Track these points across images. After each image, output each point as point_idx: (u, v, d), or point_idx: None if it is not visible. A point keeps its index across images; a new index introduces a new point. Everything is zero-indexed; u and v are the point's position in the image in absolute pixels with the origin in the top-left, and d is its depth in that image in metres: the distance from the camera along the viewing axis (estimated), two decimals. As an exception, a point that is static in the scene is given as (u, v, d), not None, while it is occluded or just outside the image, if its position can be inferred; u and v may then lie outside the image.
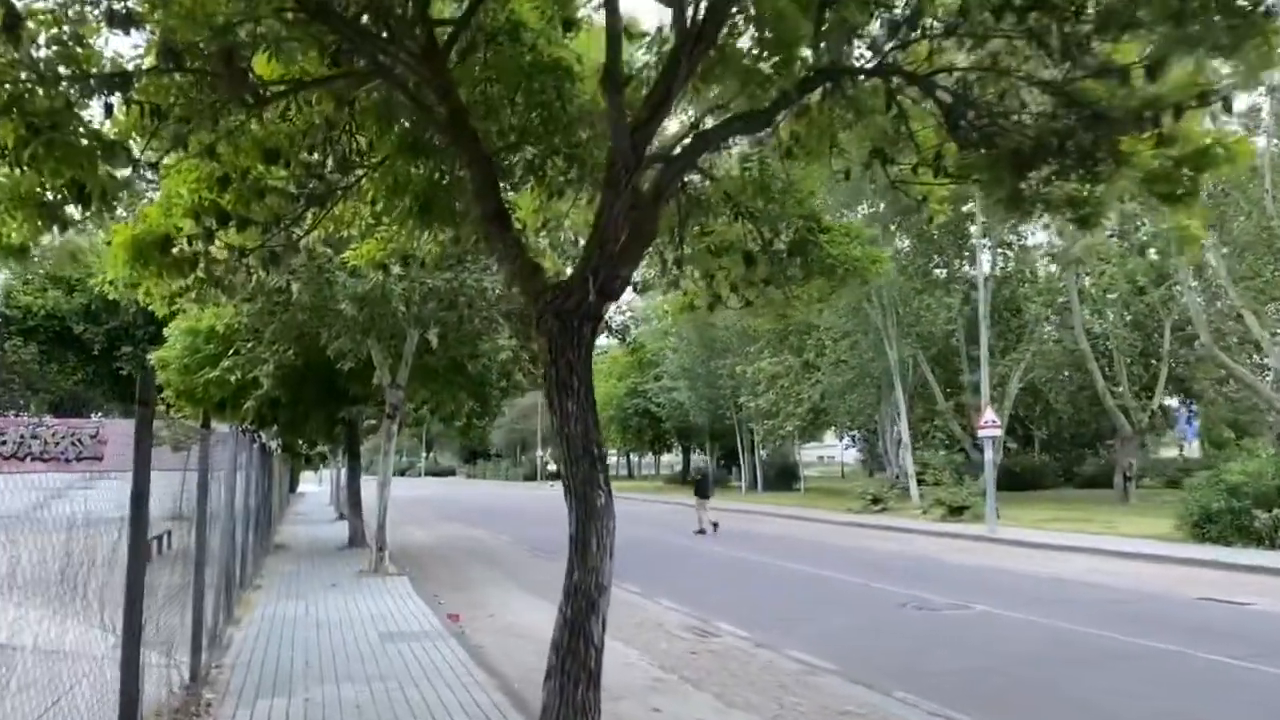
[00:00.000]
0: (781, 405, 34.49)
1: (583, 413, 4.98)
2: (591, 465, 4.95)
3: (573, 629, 5.07)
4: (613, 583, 7.23)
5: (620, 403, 51.95)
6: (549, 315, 5.12)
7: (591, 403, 5.09)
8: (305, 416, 18.37)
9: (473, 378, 17.86)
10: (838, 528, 25.44)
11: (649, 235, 5.67)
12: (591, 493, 4.92)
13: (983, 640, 10.20)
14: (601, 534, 4.91)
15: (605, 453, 5.16)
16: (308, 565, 16.50)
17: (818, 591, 13.90)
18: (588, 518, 4.92)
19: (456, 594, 13.81)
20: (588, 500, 4.92)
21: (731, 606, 12.43)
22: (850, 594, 13.57)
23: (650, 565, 17.24)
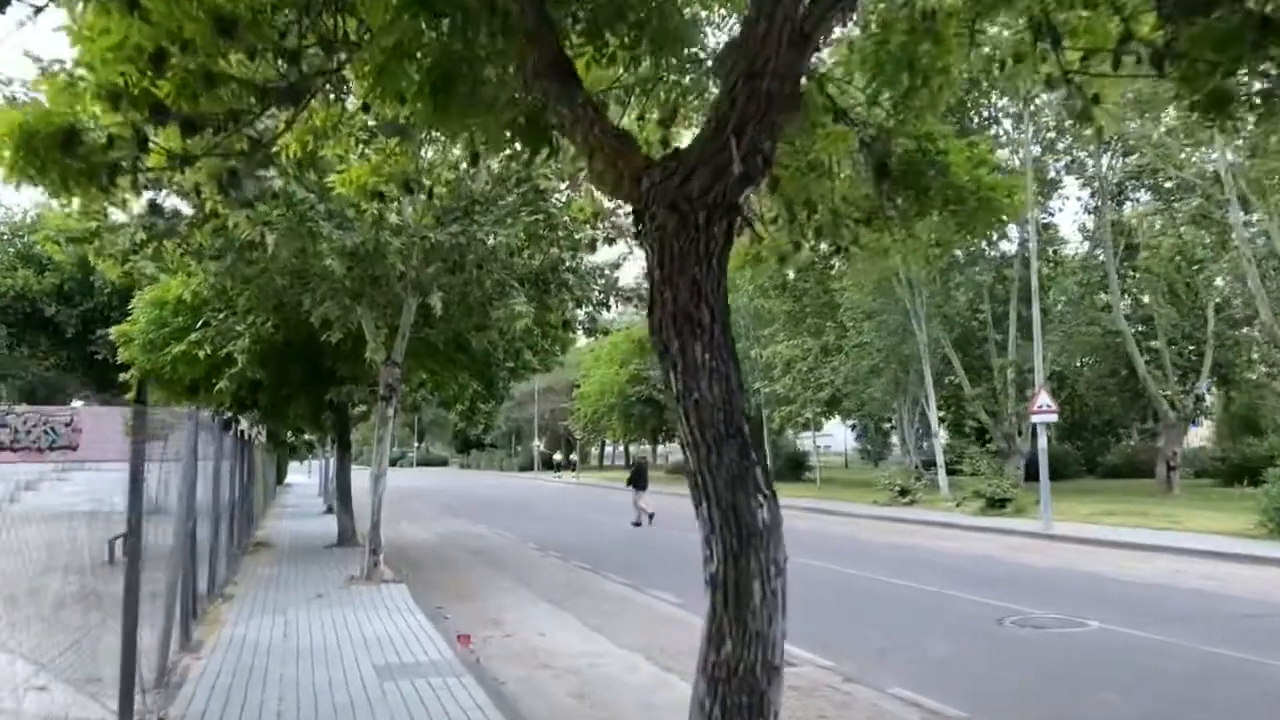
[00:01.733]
0: (799, 391, 32.48)
1: (721, 365, 2.99)
2: (742, 453, 2.96)
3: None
4: (649, 590, 5.34)
5: (622, 390, 49.82)
6: (659, 207, 3.09)
7: (731, 350, 3.11)
8: (288, 400, 16.28)
9: (476, 356, 15.80)
10: (871, 523, 23.49)
11: (795, 95, 3.62)
12: (745, 501, 2.93)
13: (1133, 671, 8.21)
14: (767, 573, 2.91)
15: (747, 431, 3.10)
16: (290, 568, 14.44)
17: (890, 603, 11.91)
18: (742, 544, 2.93)
19: (463, 605, 11.79)
20: (739, 515, 2.93)
21: (795, 624, 10.41)
22: (930, 606, 11.58)
23: (686, 569, 15.23)
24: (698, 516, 3.07)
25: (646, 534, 21.72)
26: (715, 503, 2.96)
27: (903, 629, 10.18)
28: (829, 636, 9.60)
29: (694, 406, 2.98)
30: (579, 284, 12.36)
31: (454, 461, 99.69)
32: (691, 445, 3.02)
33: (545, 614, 11.19)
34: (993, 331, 31.52)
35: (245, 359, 13.01)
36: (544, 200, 10.52)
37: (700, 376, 2.97)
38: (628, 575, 14.27)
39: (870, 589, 12.85)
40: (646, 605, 11.76)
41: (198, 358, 13.57)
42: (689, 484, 3.08)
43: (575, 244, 11.69)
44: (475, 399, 16.96)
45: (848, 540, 19.40)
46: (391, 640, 8.96)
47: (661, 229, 3.04)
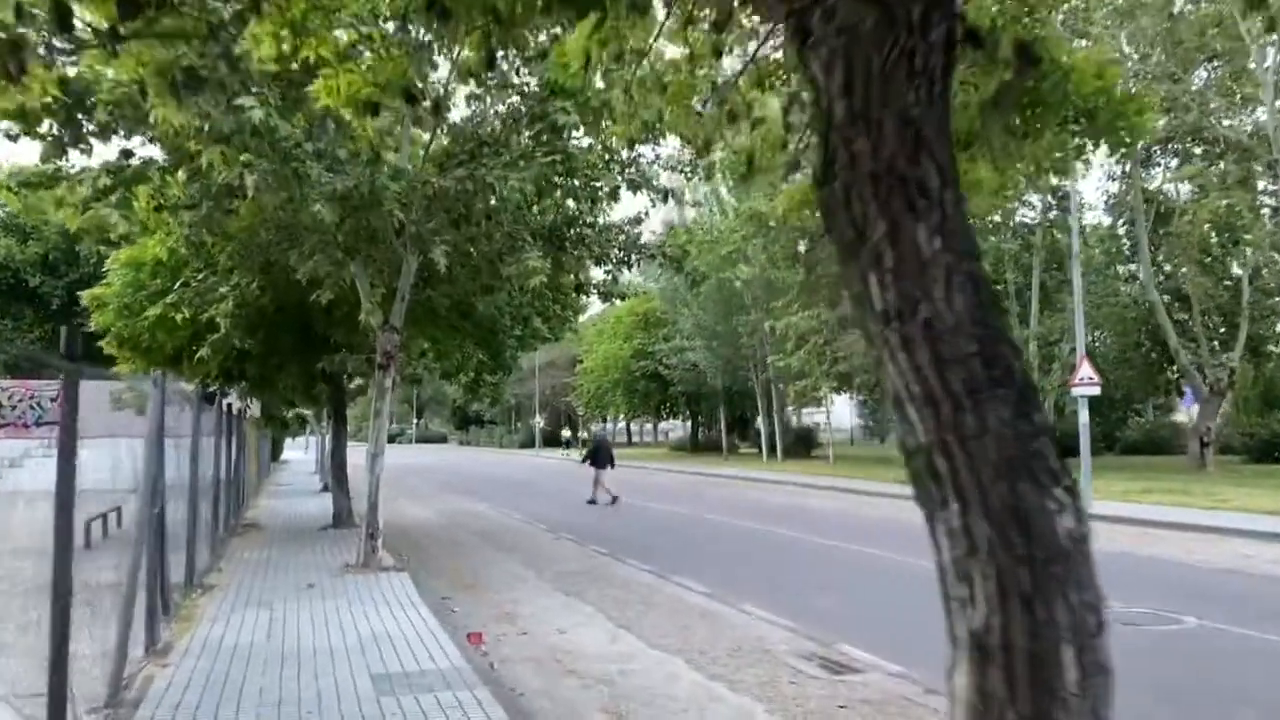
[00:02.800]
0: (815, 365, 31.20)
1: (964, 261, 1.75)
2: (1020, 414, 1.71)
3: None
4: (674, 578, 4.09)
5: (626, 365, 48.49)
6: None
7: (973, 240, 1.87)
8: (278, 370, 15.04)
9: (482, 322, 14.54)
10: (897, 502, 22.31)
11: None
12: (1036, 500, 1.66)
13: (1260, 678, 7.02)
14: (1082, 630, 1.65)
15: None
16: (281, 552, 13.26)
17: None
18: (1037, 578, 1.66)
19: (471, 595, 10.61)
20: (1026, 523, 1.67)
21: (851, 619, 9.25)
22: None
23: (709, 554, 14.08)
24: (934, 526, 1.84)
25: (663, 516, 20.55)
26: (977, 502, 1.72)
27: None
28: (889, 633, 8.41)
29: (923, 333, 1.74)
30: (597, 240, 11.09)
31: (453, 438, 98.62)
32: (918, 400, 1.78)
33: (563, 607, 10.00)
34: (1014, 303, 30.27)
35: (228, 324, 11.75)
36: (560, 139, 9.24)
37: (932, 278, 1.75)
38: (648, 560, 13.09)
39: (920, 578, 11.64)
40: (673, 596, 10.57)
41: (176, 322, 12.32)
42: (912, 472, 1.86)
43: (594, 193, 10.41)
44: (480, 370, 15.70)
45: (879, 521, 18.24)
46: (391, 641, 7.76)
47: (848, 32, 1.81)
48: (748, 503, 22.76)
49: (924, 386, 1.74)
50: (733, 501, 23.14)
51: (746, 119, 5.70)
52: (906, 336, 1.75)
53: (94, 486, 8.92)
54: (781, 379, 36.44)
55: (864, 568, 12.46)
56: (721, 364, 38.51)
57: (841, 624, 8.95)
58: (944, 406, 1.72)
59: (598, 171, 10.09)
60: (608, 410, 58.22)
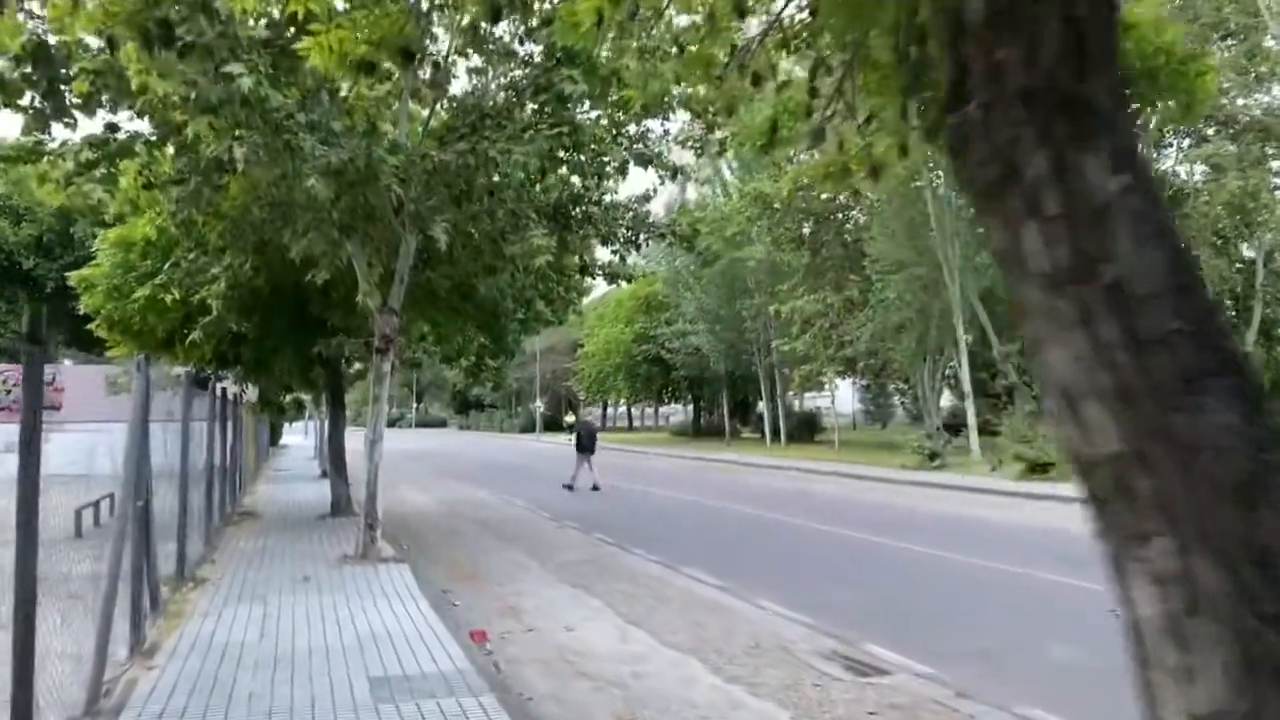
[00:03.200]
0: (820, 349, 30.75)
1: (1152, 205, 1.30)
2: (1249, 410, 1.26)
3: None
4: (683, 569, 3.72)
5: (628, 349, 48.02)
6: None
7: (1159, 190, 1.42)
8: (274, 354, 14.59)
9: (483, 305, 14.10)
10: (909, 489, 21.94)
11: None
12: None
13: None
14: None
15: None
16: (277, 542, 12.86)
17: (972, 588, 10.33)
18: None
19: (473, 588, 10.21)
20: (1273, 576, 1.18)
21: (872, 615, 8.85)
22: (1022, 591, 10.01)
23: (722, 543, 13.69)
24: (1124, 566, 1.36)
25: (667, 502, 20.15)
26: (1197, 537, 1.25)
27: (1003, 623, 8.59)
28: (917, 633, 8.01)
29: (1109, 301, 1.29)
30: (604, 218, 10.63)
31: (452, 423, 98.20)
32: (1105, 395, 1.30)
33: (569, 600, 9.60)
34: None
35: (221, 305, 11.30)
36: (567, 110, 8.76)
37: (1114, 227, 1.31)
38: (655, 550, 12.70)
39: (941, 569, 11.26)
40: (684, 589, 10.17)
41: (167, 304, 11.88)
42: (1092, 491, 1.40)
43: (601, 169, 9.95)
44: (482, 354, 15.26)
45: (892, 508, 17.84)
46: (391, 639, 7.35)
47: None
48: (752, 489, 22.38)
49: (1114, 375, 1.30)
50: (737, 487, 22.76)
51: (773, 80, 5.24)
52: (1085, 306, 1.31)
53: (92, 472, 8.54)
54: (785, 363, 36.01)
55: (878, 558, 12.06)
56: (725, 348, 38.06)
57: (862, 620, 8.56)
58: (1145, 403, 1.27)
59: (605, 145, 9.62)
60: (609, 394, 57.80)
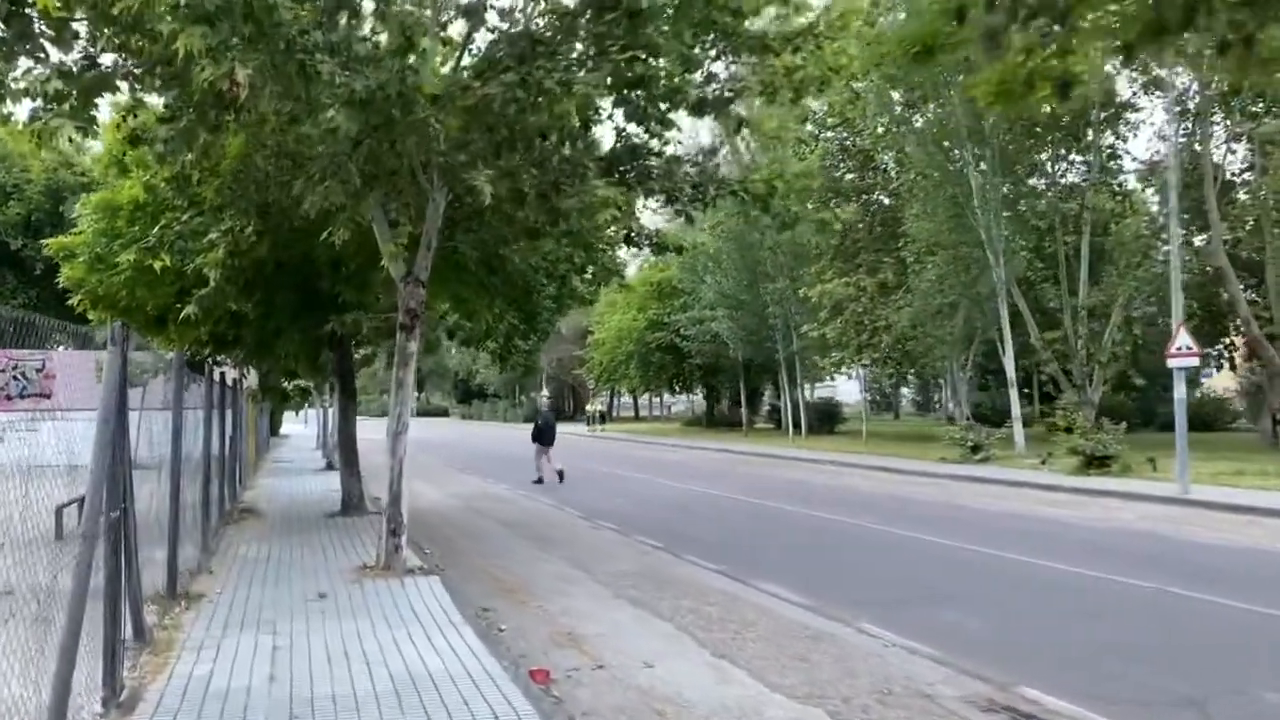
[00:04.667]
0: (852, 335, 29.10)
1: None
2: None
3: None
4: (753, 582, 2.83)
5: (641, 336, 46.38)
6: None
7: None
8: (277, 335, 13.02)
9: (513, 280, 12.55)
10: (962, 485, 20.40)
11: None
12: None
13: None
14: None
15: None
16: (284, 547, 11.34)
17: (1104, 604, 8.79)
18: None
19: (515, 605, 8.69)
20: None
21: (1010, 644, 7.33)
22: (1158, 608, 8.48)
23: (784, 549, 12.14)
24: None
25: (703, 500, 18.63)
26: None
27: (1165, 649, 7.04)
28: (1078, 672, 6.47)
29: None
30: (666, 173, 9.05)
31: (454, 412, 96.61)
32: None
33: (634, 623, 8.07)
34: (1063, 270, 28.21)
35: (219, 276, 9.72)
36: (644, 30, 7.13)
37: None
38: (712, 557, 11.19)
39: (1055, 582, 9.72)
40: (765, 609, 8.64)
41: (156, 273, 10.30)
42: None
43: (665, 111, 8.34)
44: (511, 334, 13.68)
45: (958, 509, 16.32)
46: (434, 681, 5.82)
47: None
48: (789, 484, 20.85)
49: None
50: (773, 483, 21.23)
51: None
52: None
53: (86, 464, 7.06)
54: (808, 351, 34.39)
55: (976, 569, 10.53)
56: (744, 334, 36.43)
57: (998, 650, 7.04)
58: None
59: (678, 81, 8.02)
60: (619, 383, 56.20)
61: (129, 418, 5.77)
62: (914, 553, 11.59)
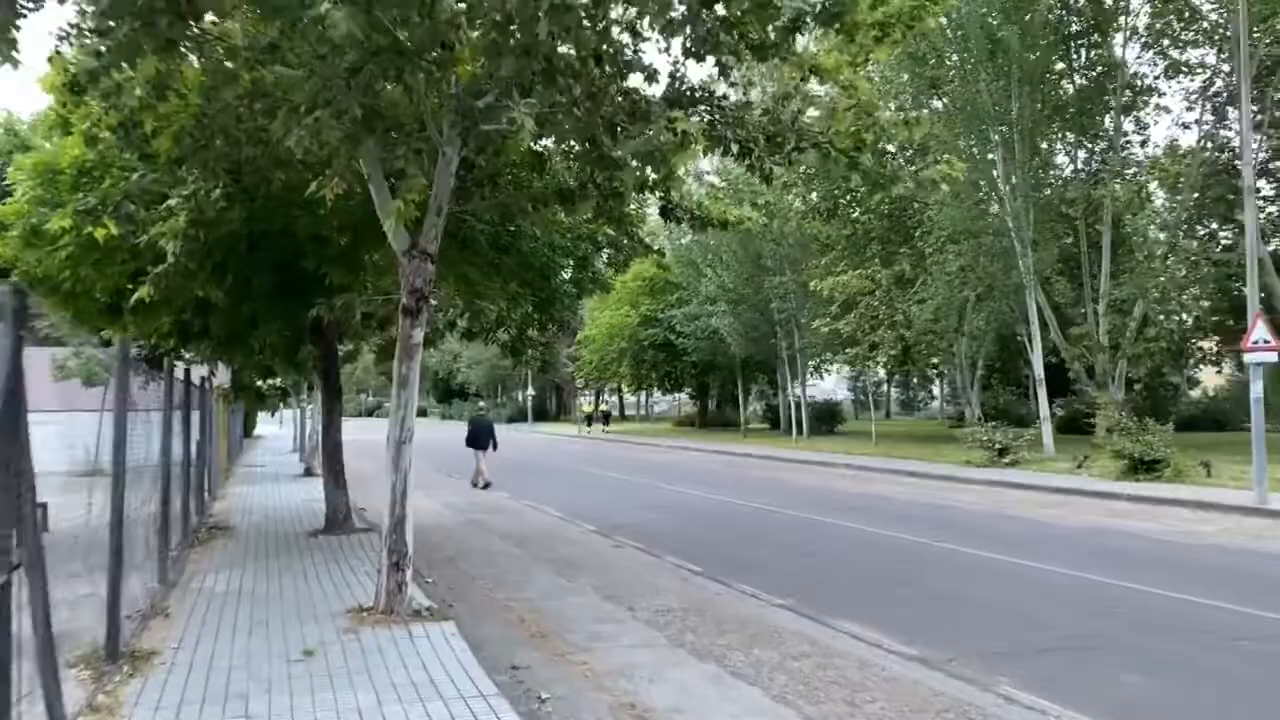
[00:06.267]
0: (868, 330, 27.40)
1: None
2: None
3: None
4: (833, 622, 3.10)
5: (634, 333, 44.50)
6: None
7: None
8: (251, 324, 11.14)
9: (528, 260, 10.77)
10: (1006, 493, 18.76)
11: None
12: None
13: None
14: None
15: None
16: (259, 578, 9.49)
17: (1214, 632, 7.12)
18: None
19: (549, 656, 6.90)
20: None
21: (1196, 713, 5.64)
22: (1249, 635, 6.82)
23: (856, 576, 10.36)
24: None
25: (725, 510, 16.90)
26: None
27: None
28: None
29: None
30: (738, 119, 7.27)
31: (433, 412, 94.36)
32: None
33: (710, 685, 6.30)
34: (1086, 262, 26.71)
35: (178, 249, 7.85)
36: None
37: None
38: (769, 586, 9.47)
39: (1154, 608, 8.05)
40: (866, 662, 6.89)
41: (100, 246, 8.42)
42: None
43: (753, 33, 6.57)
44: (525, 324, 11.85)
45: (1007, 520, 14.66)
46: (475, 806, 4.03)
47: None
48: (816, 492, 19.14)
49: None
50: (795, 490, 19.51)
51: None
52: None
53: None
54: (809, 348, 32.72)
55: (1091, 601, 8.81)
56: (745, 330, 34.67)
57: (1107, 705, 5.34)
58: None
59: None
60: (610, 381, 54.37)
61: (28, 422, 3.93)
62: (1004, 578, 9.88)
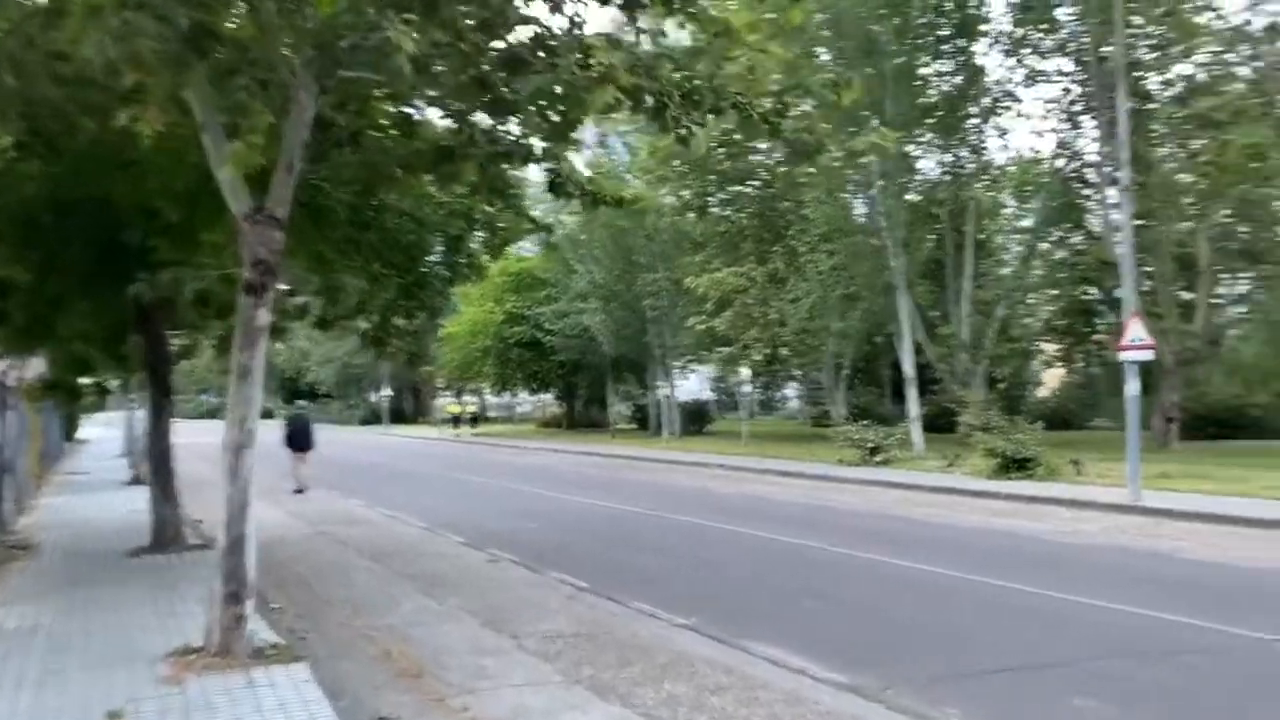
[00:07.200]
0: (742, 329, 26.93)
1: None
2: None
3: None
4: (749, 645, 4.53)
5: (498, 331, 42.88)
6: None
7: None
8: (57, 307, 9.42)
9: (393, 238, 9.51)
10: (880, 491, 18.48)
11: None
12: None
13: None
14: None
15: None
16: (60, 615, 7.89)
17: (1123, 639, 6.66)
18: None
19: (426, 702, 5.75)
20: None
21: None
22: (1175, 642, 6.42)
23: (758, 588, 9.54)
24: None
25: (606, 516, 15.96)
26: None
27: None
28: None
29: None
30: (647, 70, 6.29)
31: (280, 413, 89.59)
32: None
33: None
34: (951, 264, 27.10)
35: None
36: None
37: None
38: (668, 603, 8.55)
39: (1077, 617, 7.58)
40: (797, 696, 5.99)
41: None
42: None
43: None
44: (390, 311, 10.45)
45: (890, 519, 14.26)
46: None
47: None
48: (693, 494, 18.43)
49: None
50: (674, 492, 18.75)
51: None
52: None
53: None
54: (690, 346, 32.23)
55: (1018, 612, 8.27)
56: (617, 328, 33.81)
57: None
58: None
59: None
60: (473, 380, 52.49)
61: None
62: (911, 586, 9.29)
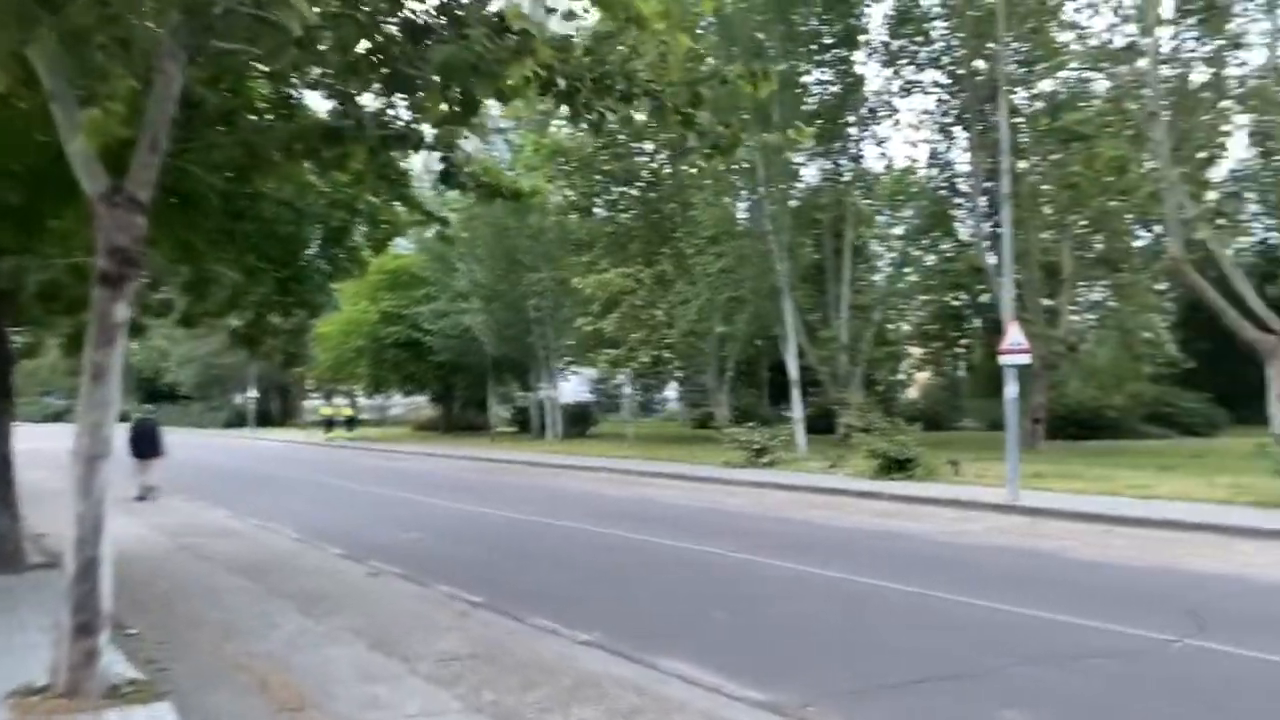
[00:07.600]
0: (630, 330, 26.61)
1: None
2: None
3: None
4: (657, 661, 4.68)
5: (373, 330, 41.34)
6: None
7: None
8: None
9: (270, 229, 8.78)
10: (767, 493, 18.48)
11: None
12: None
13: None
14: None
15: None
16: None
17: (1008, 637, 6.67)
18: None
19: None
20: None
21: None
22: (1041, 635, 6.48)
23: (658, 597, 9.19)
24: None
25: (493, 524, 15.42)
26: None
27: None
28: None
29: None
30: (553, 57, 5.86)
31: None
32: None
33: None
34: (831, 268, 27.58)
35: None
36: None
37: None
38: (566, 617, 8.13)
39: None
40: (713, 716, 5.70)
41: None
42: None
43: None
44: (264, 307, 9.61)
45: (781, 522, 14.21)
46: None
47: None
48: (581, 498, 18.05)
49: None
50: (563, 497, 18.32)
51: None
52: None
53: None
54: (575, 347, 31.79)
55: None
56: (499, 328, 33.04)
57: None
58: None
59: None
60: (347, 381, 50.60)
61: None
62: (811, 591, 9.15)
